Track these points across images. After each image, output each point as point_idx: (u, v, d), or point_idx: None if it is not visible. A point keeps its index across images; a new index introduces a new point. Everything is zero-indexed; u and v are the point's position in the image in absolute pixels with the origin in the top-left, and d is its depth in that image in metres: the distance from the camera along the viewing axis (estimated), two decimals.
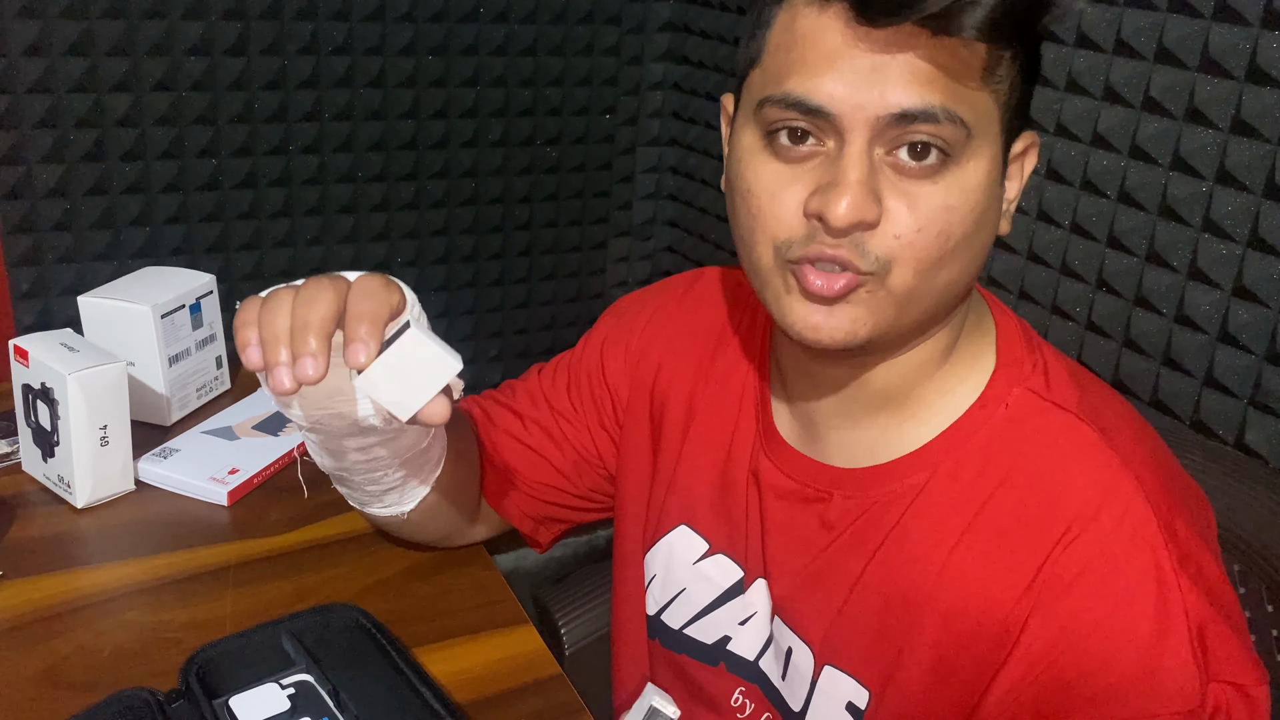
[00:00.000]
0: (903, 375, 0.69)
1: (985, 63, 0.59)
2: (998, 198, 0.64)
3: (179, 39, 1.42)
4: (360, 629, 0.77)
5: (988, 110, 0.60)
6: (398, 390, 0.60)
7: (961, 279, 0.64)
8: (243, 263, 1.57)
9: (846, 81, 0.58)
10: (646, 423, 0.86)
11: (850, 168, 0.59)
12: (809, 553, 0.73)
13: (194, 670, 0.72)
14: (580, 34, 1.76)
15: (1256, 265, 1.08)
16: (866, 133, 0.59)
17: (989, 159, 0.61)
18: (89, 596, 0.86)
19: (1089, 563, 0.62)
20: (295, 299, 0.61)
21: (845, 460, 0.72)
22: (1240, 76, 1.07)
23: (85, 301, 1.09)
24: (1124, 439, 0.66)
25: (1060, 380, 0.69)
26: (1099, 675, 0.61)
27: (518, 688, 0.80)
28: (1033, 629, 0.63)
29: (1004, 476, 0.66)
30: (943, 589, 0.66)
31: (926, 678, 0.67)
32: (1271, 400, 1.09)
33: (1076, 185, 1.25)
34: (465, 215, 1.76)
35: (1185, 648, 0.60)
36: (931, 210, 0.60)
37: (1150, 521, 0.62)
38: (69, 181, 1.41)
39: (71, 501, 0.97)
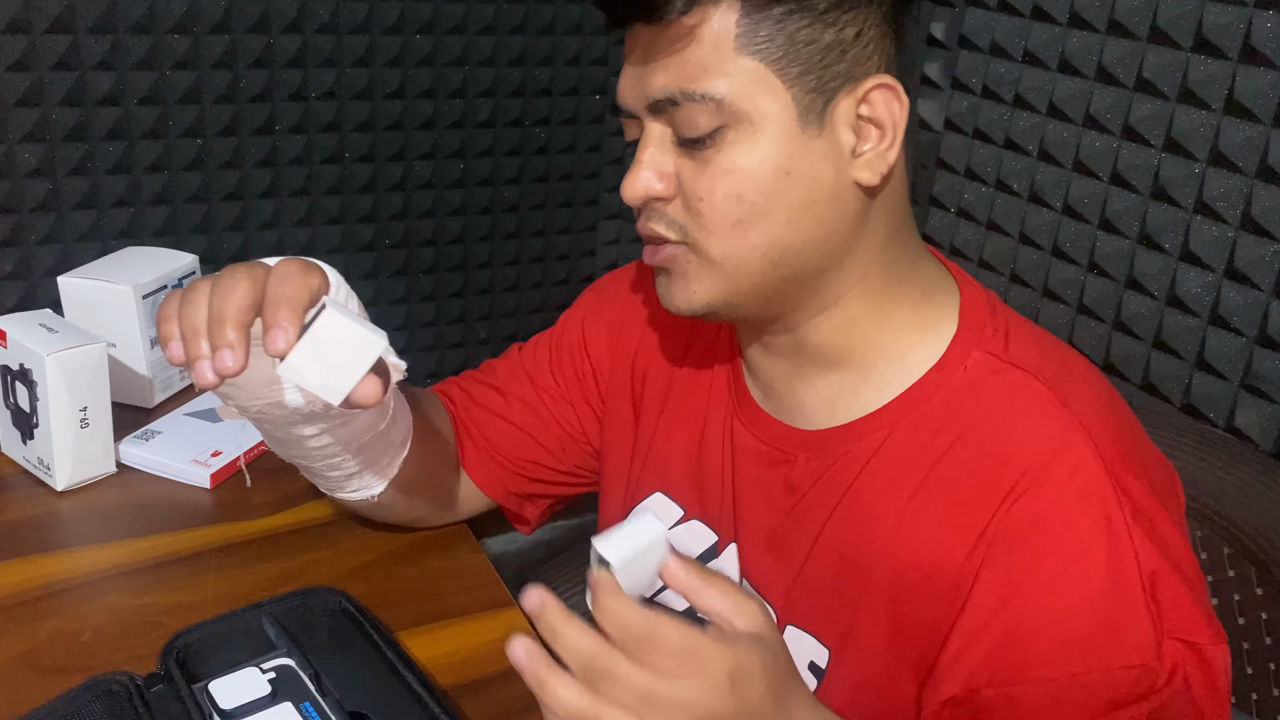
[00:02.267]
0: (834, 331, 0.70)
1: (737, 32, 0.62)
2: (810, 151, 0.64)
3: (162, 16, 1.39)
4: (343, 613, 0.76)
5: (753, 73, 0.63)
6: (324, 374, 0.59)
7: (793, 236, 0.66)
8: (229, 243, 1.55)
9: (627, 77, 0.67)
10: (628, 396, 0.86)
11: (642, 150, 0.67)
12: (774, 515, 0.74)
13: (174, 654, 0.71)
14: (570, 13, 1.75)
15: (1249, 247, 1.08)
16: (650, 118, 0.67)
17: (776, 117, 0.63)
18: (68, 580, 0.85)
19: (1039, 517, 0.62)
20: (211, 290, 0.60)
21: (807, 422, 0.73)
22: (1234, 57, 1.06)
23: (65, 282, 1.07)
24: (1081, 398, 0.66)
25: (1022, 342, 0.69)
26: (1053, 629, 0.61)
27: (502, 671, 0.78)
28: (984, 584, 0.63)
29: (958, 434, 0.66)
30: (896, 546, 0.67)
31: (883, 634, 0.68)
32: (1262, 383, 1.08)
33: (1069, 167, 1.24)
34: (453, 197, 1.74)
35: (1139, 600, 0.60)
36: (712, 177, 0.65)
37: (1101, 475, 0.62)
38: (51, 161, 1.39)
39: (51, 484, 0.96)
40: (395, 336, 1.75)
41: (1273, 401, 1.08)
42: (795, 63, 0.63)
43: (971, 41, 1.35)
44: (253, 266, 0.62)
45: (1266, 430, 1.09)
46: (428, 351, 1.83)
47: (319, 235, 1.63)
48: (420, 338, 1.81)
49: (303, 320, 0.59)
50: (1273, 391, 1.08)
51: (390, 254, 1.72)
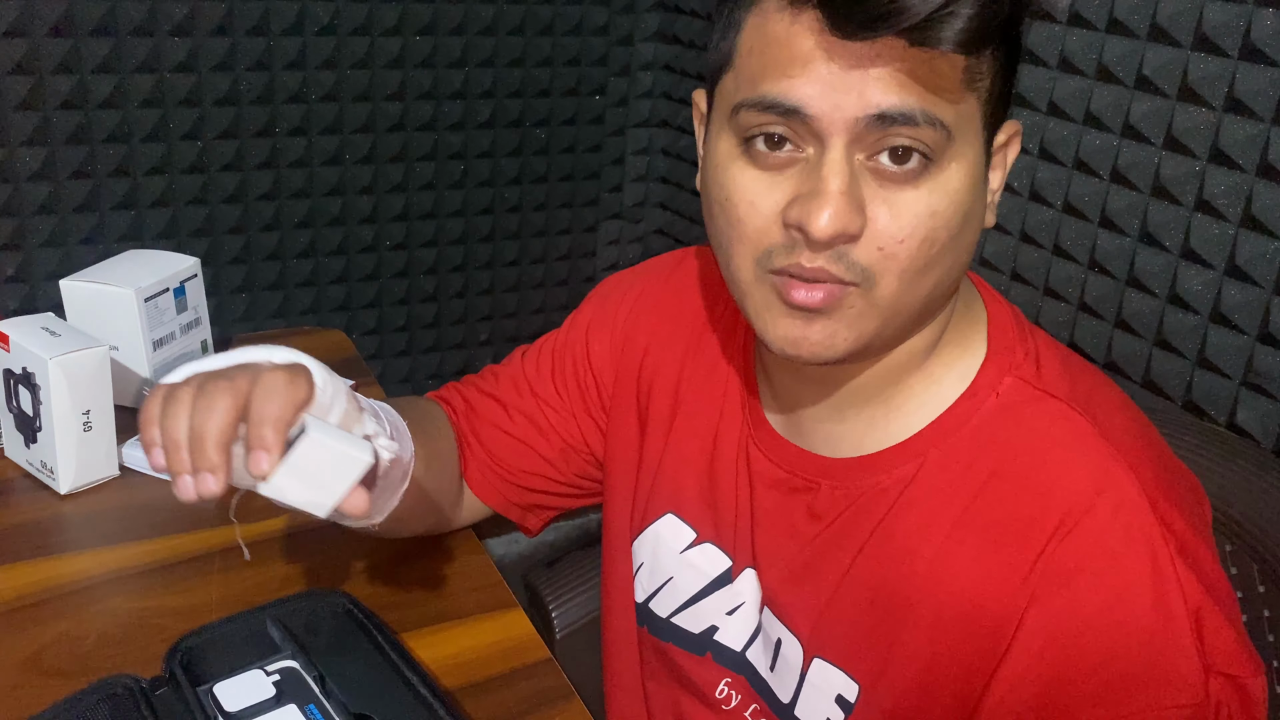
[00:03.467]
0: (888, 371, 0.68)
1: (966, 66, 0.57)
2: (982, 195, 0.63)
3: (162, 19, 1.40)
4: (347, 614, 0.76)
5: (969, 110, 0.59)
6: (308, 491, 0.59)
7: (947, 280, 0.63)
8: (229, 246, 1.56)
9: (824, 83, 0.56)
10: (633, 408, 0.85)
11: (831, 175, 0.57)
12: (797, 543, 0.72)
13: (178, 657, 0.71)
14: (569, 14, 1.75)
15: (1249, 245, 1.08)
16: (846, 135, 0.57)
17: (972, 158, 0.60)
18: (73, 583, 0.86)
19: (1085, 556, 0.61)
20: (194, 405, 0.59)
21: (832, 451, 0.71)
22: (1234, 54, 1.06)
23: (67, 285, 1.07)
24: (1116, 428, 0.65)
25: (1052, 368, 0.68)
26: (1102, 670, 0.60)
27: (507, 672, 0.79)
28: (1030, 625, 0.61)
29: (994, 468, 0.64)
30: (934, 585, 0.65)
31: (920, 674, 0.66)
32: (1264, 380, 1.08)
33: (1069, 165, 1.24)
34: (454, 198, 1.75)
35: (1187, 638, 0.59)
36: (915, 217, 0.58)
37: (1146, 512, 0.61)
38: (52, 164, 1.39)
39: (54, 488, 0.96)
40: (396, 338, 1.76)
41: (1274, 399, 1.08)
42: (989, 104, 0.61)
43: None
44: (235, 379, 0.60)
45: (1268, 428, 1.09)
46: (430, 353, 1.84)
47: (320, 237, 1.63)
48: (422, 339, 1.82)
49: (286, 438, 0.59)
50: (1274, 389, 1.08)
51: (391, 255, 1.72)
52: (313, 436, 0.59)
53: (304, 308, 1.66)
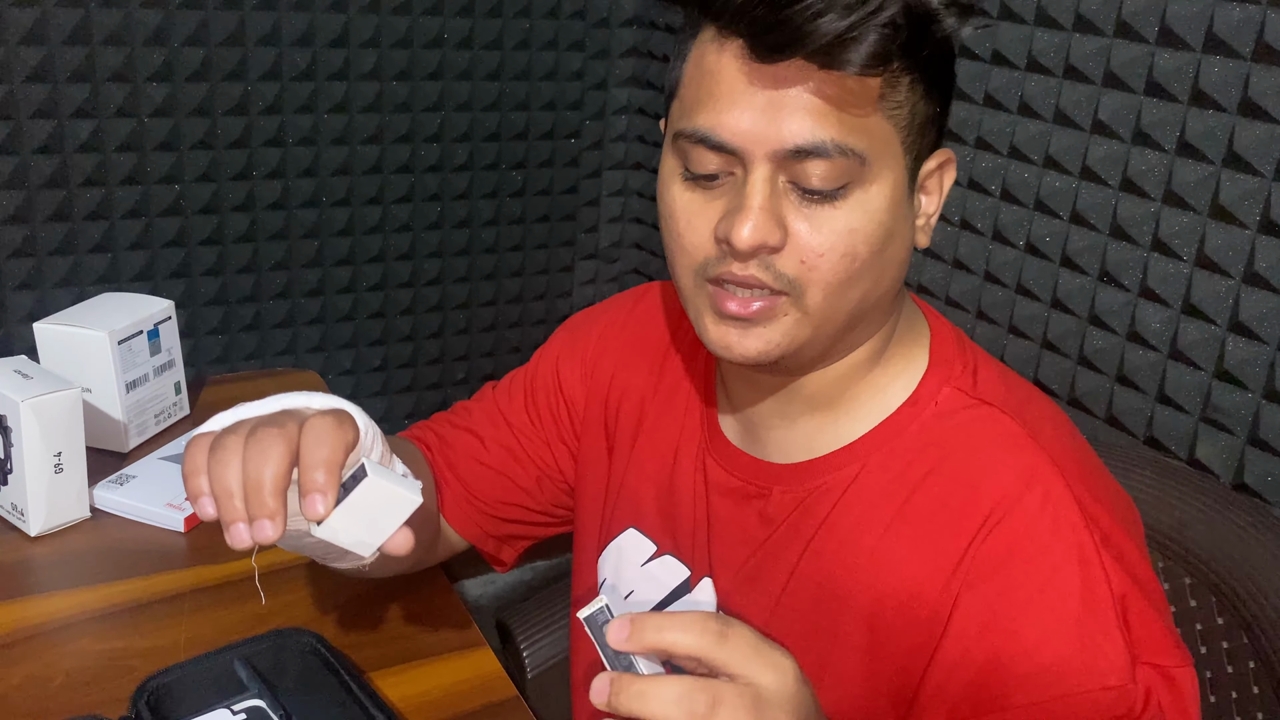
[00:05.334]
0: (834, 380, 0.71)
1: (880, 91, 0.61)
2: (906, 215, 0.66)
3: (140, 66, 1.42)
4: (314, 654, 0.77)
5: (885, 135, 0.63)
6: (359, 532, 0.60)
7: (874, 293, 0.66)
8: (206, 288, 1.57)
9: (747, 117, 0.61)
10: (602, 431, 0.87)
11: (753, 194, 0.62)
12: (749, 547, 0.75)
13: (144, 697, 0.71)
14: (545, 60, 1.78)
15: (1204, 284, 1.10)
16: (768, 163, 0.62)
17: (892, 180, 0.64)
18: (40, 625, 0.86)
19: (1014, 544, 0.64)
20: (246, 452, 0.60)
21: (783, 457, 0.74)
22: (1184, 100, 1.09)
23: (41, 328, 1.08)
24: (1046, 432, 0.68)
25: (988, 379, 0.71)
26: (1032, 654, 0.62)
27: (474, 710, 0.79)
28: (962, 612, 0.64)
29: (931, 467, 0.68)
30: (873, 576, 0.68)
31: (861, 663, 0.69)
32: (1221, 416, 1.11)
33: (1030, 206, 1.27)
34: (430, 239, 1.77)
35: (1113, 623, 0.62)
36: (834, 233, 0.63)
37: (1071, 505, 0.64)
38: (29, 208, 1.41)
39: (25, 529, 0.96)
40: (373, 378, 1.77)
41: (1231, 434, 1.11)
42: (911, 130, 0.64)
43: None
44: (285, 426, 0.61)
45: (1226, 463, 1.11)
46: (405, 393, 1.84)
47: (296, 278, 1.64)
48: (398, 379, 1.82)
49: (339, 483, 0.60)
50: (1231, 424, 1.10)
51: (368, 296, 1.73)
52: (372, 480, 0.60)
53: (280, 349, 1.67)
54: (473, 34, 1.67)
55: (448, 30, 1.65)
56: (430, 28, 1.63)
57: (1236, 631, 0.94)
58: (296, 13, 1.51)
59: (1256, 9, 1.03)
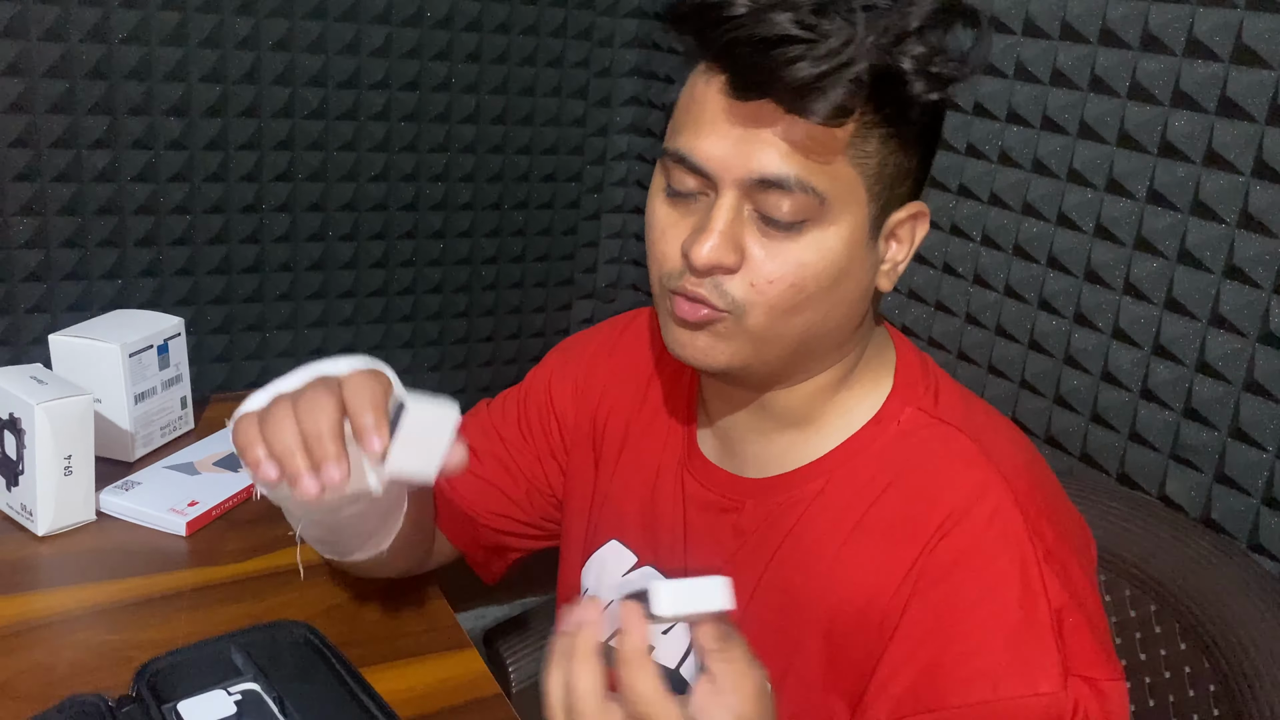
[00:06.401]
0: (803, 399, 0.76)
1: (848, 140, 0.65)
2: (864, 258, 0.70)
3: (159, 99, 1.48)
4: (308, 644, 0.80)
5: (849, 181, 0.67)
6: (416, 459, 0.65)
7: (822, 326, 0.71)
8: (212, 315, 1.61)
9: (721, 146, 0.66)
10: (589, 447, 0.91)
11: (718, 217, 0.67)
12: (721, 558, 0.79)
13: (145, 678, 0.75)
14: (548, 105, 1.85)
15: (1173, 326, 1.15)
16: (736, 190, 0.67)
17: (851, 224, 0.68)
18: (45, 617, 0.89)
19: (961, 554, 0.68)
20: (297, 412, 0.65)
21: (757, 472, 0.78)
22: (1154, 151, 1.15)
23: (55, 340, 1.13)
24: (1000, 452, 0.72)
25: (949, 401, 0.76)
26: (970, 659, 0.66)
27: (459, 705, 0.83)
28: (910, 616, 0.68)
29: (890, 481, 0.72)
30: (832, 583, 0.72)
31: (820, 667, 0.72)
32: (1190, 454, 1.15)
33: (1009, 251, 1.33)
34: (432, 274, 1.82)
35: (1048, 634, 0.65)
36: (786, 264, 0.67)
37: (1017, 520, 0.68)
38: (44, 233, 1.46)
39: (32, 529, 1.00)
40: None
41: (1199, 470, 1.15)
42: (879, 181, 0.68)
43: None
44: (326, 382, 0.67)
45: (1195, 499, 1.15)
46: None
47: (301, 309, 1.69)
48: None
49: (388, 418, 0.65)
50: (1200, 462, 1.14)
51: (369, 329, 1.78)
52: (414, 406, 0.65)
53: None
54: (479, 80, 1.74)
55: (454, 76, 1.72)
56: (438, 72, 1.70)
57: (1198, 655, 0.97)
58: (310, 55, 1.58)
59: (1220, 66, 1.09)
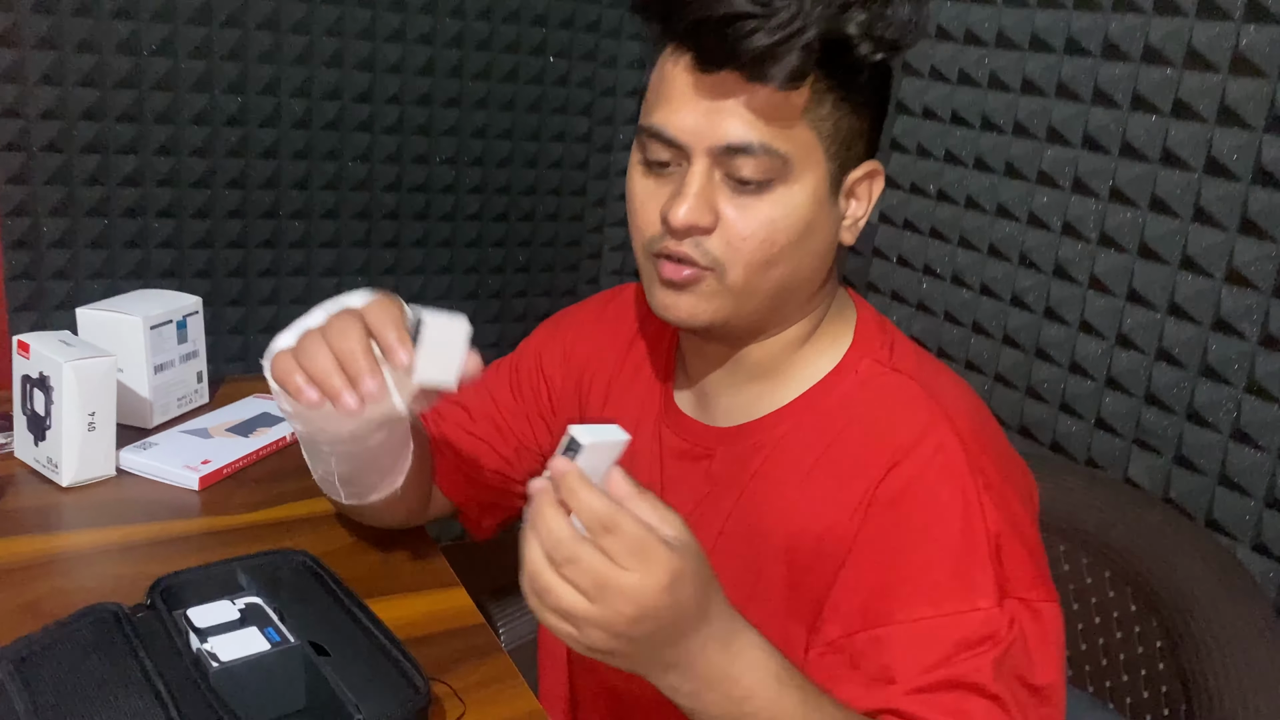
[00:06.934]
0: (772, 352, 0.82)
1: (805, 105, 0.73)
2: (828, 212, 0.77)
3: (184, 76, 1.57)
4: (307, 569, 0.87)
5: (808, 143, 0.74)
6: (438, 367, 0.72)
7: (794, 277, 0.77)
8: (229, 288, 1.69)
9: (691, 118, 0.73)
10: (575, 406, 0.98)
11: (691, 182, 0.74)
12: (694, 502, 0.85)
13: (158, 590, 0.81)
14: (555, 122, 1.94)
15: (1134, 316, 1.22)
16: (706, 157, 0.73)
17: (813, 181, 0.75)
18: (67, 552, 0.96)
19: (907, 485, 0.74)
20: (327, 338, 0.72)
21: (728, 421, 0.85)
22: (1114, 152, 1.23)
23: (82, 312, 1.20)
24: (947, 396, 0.78)
25: (903, 354, 0.82)
26: (915, 579, 0.72)
27: (444, 631, 0.89)
28: (861, 541, 0.74)
29: (847, 423, 0.78)
30: (792, 516, 0.78)
31: (782, 594, 0.78)
32: (1150, 438, 1.21)
33: (984, 252, 1.40)
34: (440, 282, 1.90)
35: (985, 557, 0.71)
36: (757, 220, 0.74)
37: (960, 455, 0.74)
38: (71, 202, 1.54)
39: (57, 481, 1.07)
40: None
41: (1159, 454, 1.21)
42: (835, 141, 0.75)
43: (901, 145, 1.52)
44: (348, 309, 0.74)
45: (1155, 479, 1.21)
46: None
47: (314, 286, 1.77)
48: None
49: (409, 333, 0.72)
50: (1159, 445, 1.21)
51: None
52: (430, 318, 0.71)
53: None
54: (489, 96, 1.84)
55: (464, 91, 1.81)
56: (450, 87, 1.79)
57: (1148, 615, 1.03)
58: (328, 69, 1.67)
59: (1174, 71, 1.16)
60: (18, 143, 1.50)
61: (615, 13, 1.94)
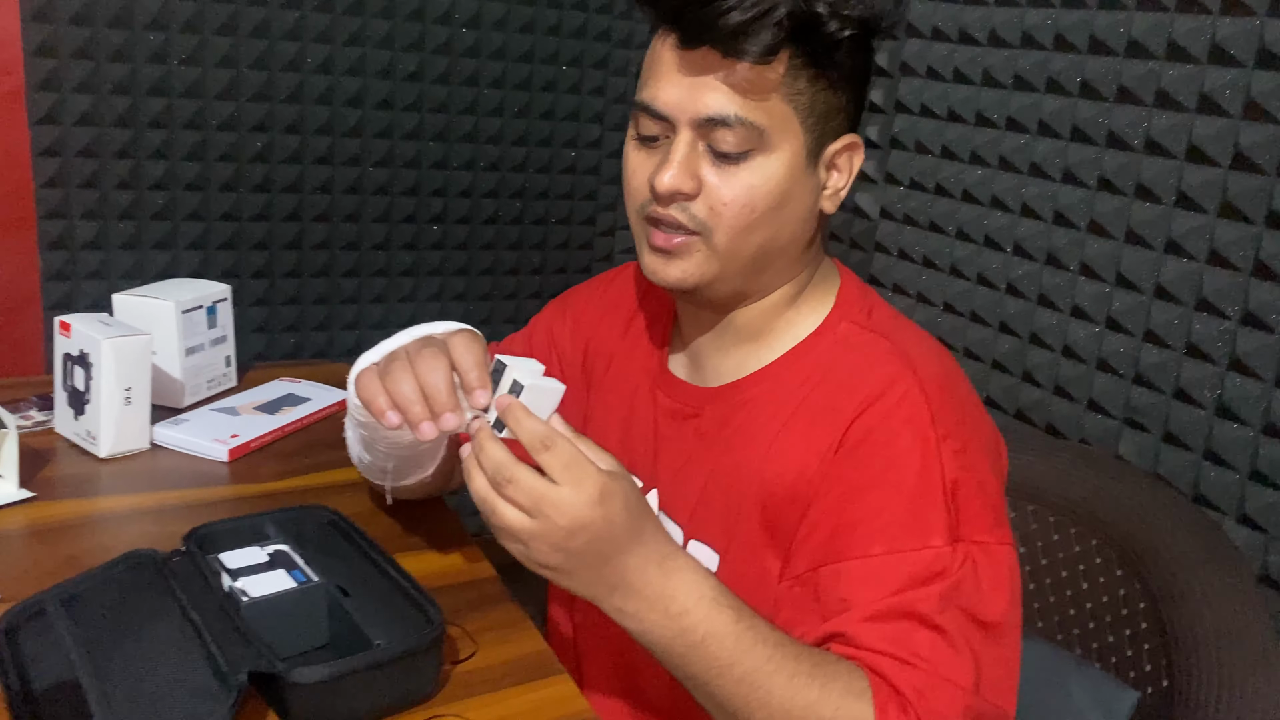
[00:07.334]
0: (758, 315, 0.88)
1: (780, 79, 0.79)
2: (806, 182, 0.83)
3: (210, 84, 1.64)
4: (332, 524, 0.92)
5: (784, 115, 0.80)
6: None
7: (775, 241, 0.83)
8: (254, 289, 1.76)
9: (675, 93, 0.80)
10: (581, 374, 1.04)
11: (676, 151, 0.80)
12: (684, 457, 0.91)
13: (193, 538, 0.87)
14: (567, 129, 2.01)
15: (1122, 299, 1.27)
16: (689, 129, 0.80)
17: (790, 152, 0.81)
18: (104, 514, 1.02)
19: (869, 431, 0.79)
20: (415, 369, 0.76)
21: (716, 381, 0.91)
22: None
23: (118, 298, 1.27)
24: (918, 355, 0.83)
25: (881, 318, 0.88)
26: (873, 518, 0.77)
27: (458, 584, 0.95)
28: (828, 482, 0.80)
29: (823, 377, 0.84)
30: (769, 463, 0.83)
31: (760, 533, 0.84)
32: (1139, 416, 1.26)
33: (980, 243, 1.45)
34: (457, 283, 1.97)
35: (940, 500, 0.76)
36: (738, 187, 0.80)
37: (922, 406, 0.79)
38: (104, 205, 1.61)
39: (95, 452, 1.13)
40: None
41: (1147, 431, 1.25)
42: (811, 115, 0.80)
43: (900, 142, 1.58)
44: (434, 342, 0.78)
45: (1145, 457, 1.25)
46: None
47: (336, 286, 1.84)
48: None
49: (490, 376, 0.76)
50: (1148, 423, 1.25)
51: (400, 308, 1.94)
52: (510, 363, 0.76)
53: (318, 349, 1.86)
54: (503, 104, 1.91)
55: (479, 100, 1.89)
56: (466, 96, 1.86)
57: (1131, 579, 1.07)
58: (349, 78, 1.75)
59: (1156, 64, 1.22)
60: (54, 148, 1.57)
61: (625, 24, 2.01)
